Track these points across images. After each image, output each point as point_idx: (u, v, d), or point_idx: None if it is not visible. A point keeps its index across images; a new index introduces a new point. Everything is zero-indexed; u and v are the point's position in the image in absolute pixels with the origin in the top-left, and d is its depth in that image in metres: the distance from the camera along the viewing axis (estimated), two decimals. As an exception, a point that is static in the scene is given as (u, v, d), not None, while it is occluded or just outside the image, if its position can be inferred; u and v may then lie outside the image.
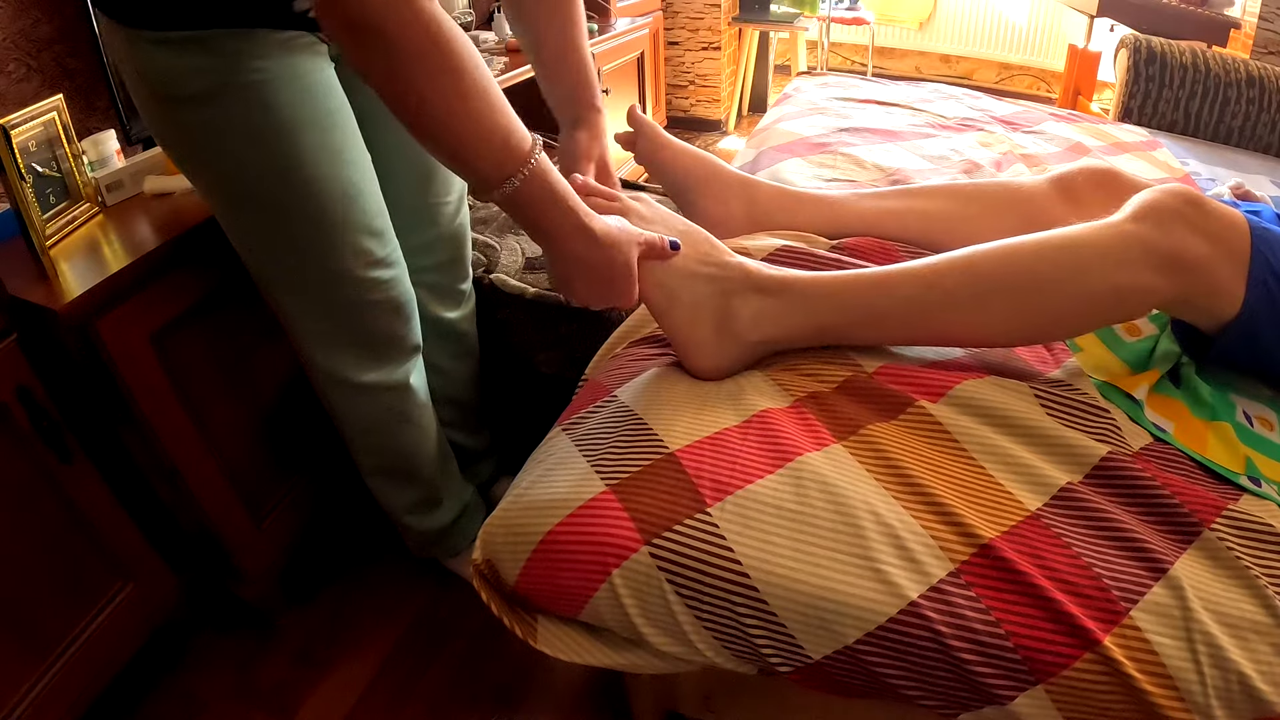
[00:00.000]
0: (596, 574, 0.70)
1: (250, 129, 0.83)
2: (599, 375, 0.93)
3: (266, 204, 0.88)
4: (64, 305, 0.89)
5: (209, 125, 0.83)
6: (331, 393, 1.06)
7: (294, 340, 1.02)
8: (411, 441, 1.12)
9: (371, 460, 1.14)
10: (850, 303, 0.86)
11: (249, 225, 0.92)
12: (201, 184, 0.90)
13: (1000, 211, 1.04)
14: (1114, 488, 0.75)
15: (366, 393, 1.05)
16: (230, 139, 0.84)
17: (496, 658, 1.19)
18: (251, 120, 0.82)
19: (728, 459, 0.75)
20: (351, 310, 0.98)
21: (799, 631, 0.66)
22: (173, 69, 0.79)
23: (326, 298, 0.97)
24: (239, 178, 0.87)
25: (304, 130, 0.85)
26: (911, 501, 0.71)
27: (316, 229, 0.91)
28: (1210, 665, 0.61)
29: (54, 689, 0.96)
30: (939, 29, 3.77)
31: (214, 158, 0.86)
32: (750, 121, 3.53)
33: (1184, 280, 0.78)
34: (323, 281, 0.95)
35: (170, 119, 0.84)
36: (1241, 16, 2.39)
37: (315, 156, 0.87)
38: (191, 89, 0.80)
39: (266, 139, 0.84)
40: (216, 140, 0.84)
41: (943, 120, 1.67)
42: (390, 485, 1.17)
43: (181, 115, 0.83)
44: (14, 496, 0.91)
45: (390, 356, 1.05)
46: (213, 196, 0.91)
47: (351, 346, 1.01)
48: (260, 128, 0.83)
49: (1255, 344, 0.83)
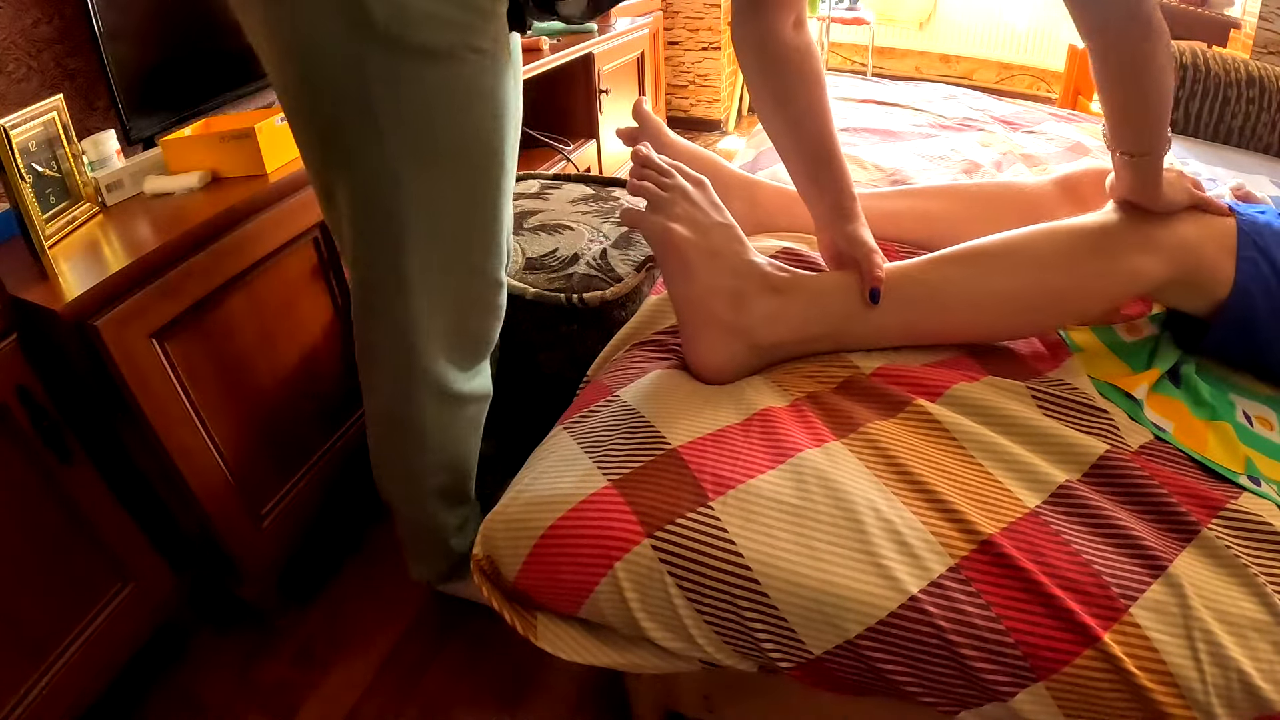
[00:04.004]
0: (598, 567, 0.70)
1: (476, 97, 0.79)
2: (601, 376, 0.93)
3: (460, 182, 0.83)
4: (64, 305, 0.89)
5: (440, 83, 0.77)
6: (430, 405, 0.99)
7: (406, 349, 0.94)
8: (474, 456, 1.10)
9: (440, 479, 1.07)
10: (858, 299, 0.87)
11: (425, 205, 0.83)
12: (388, 150, 0.79)
13: (1004, 213, 1.04)
14: (1112, 486, 0.75)
15: (461, 403, 1.02)
16: (457, 100, 0.79)
17: (496, 658, 1.19)
18: (483, 87, 0.79)
19: (729, 455, 0.75)
20: (474, 312, 0.96)
21: (800, 625, 0.66)
22: (420, 11, 0.72)
23: (463, 297, 0.93)
24: (442, 147, 0.80)
25: (507, 116, 0.83)
26: (911, 497, 0.71)
27: (488, 219, 0.89)
28: (1210, 663, 0.61)
29: (53, 689, 0.96)
30: (939, 29, 3.76)
31: (427, 120, 0.78)
32: (750, 121, 3.53)
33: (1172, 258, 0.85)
34: (467, 279, 0.92)
35: (388, 69, 0.74)
36: (1241, 16, 2.39)
37: (507, 147, 0.85)
38: (432, 40, 0.74)
39: (485, 112, 0.81)
40: (445, 99, 0.78)
41: (943, 120, 1.67)
42: (445, 505, 1.11)
43: (406, 68, 0.75)
44: (14, 496, 0.91)
45: (481, 364, 1.03)
46: (402, 163, 0.80)
47: (459, 352, 0.98)
48: (484, 99, 0.80)
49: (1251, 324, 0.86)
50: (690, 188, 0.88)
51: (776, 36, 0.89)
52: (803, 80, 0.91)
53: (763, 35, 0.90)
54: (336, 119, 0.78)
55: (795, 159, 0.95)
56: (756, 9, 0.89)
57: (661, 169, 0.88)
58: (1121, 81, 0.81)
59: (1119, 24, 0.76)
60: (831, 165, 0.92)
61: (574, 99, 2.33)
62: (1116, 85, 0.81)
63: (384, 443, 1.06)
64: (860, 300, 0.87)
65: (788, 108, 0.92)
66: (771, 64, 0.91)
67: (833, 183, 0.93)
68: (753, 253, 0.89)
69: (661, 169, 0.88)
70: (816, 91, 0.92)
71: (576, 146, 2.33)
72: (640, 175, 0.88)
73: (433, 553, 1.16)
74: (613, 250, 1.37)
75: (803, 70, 0.91)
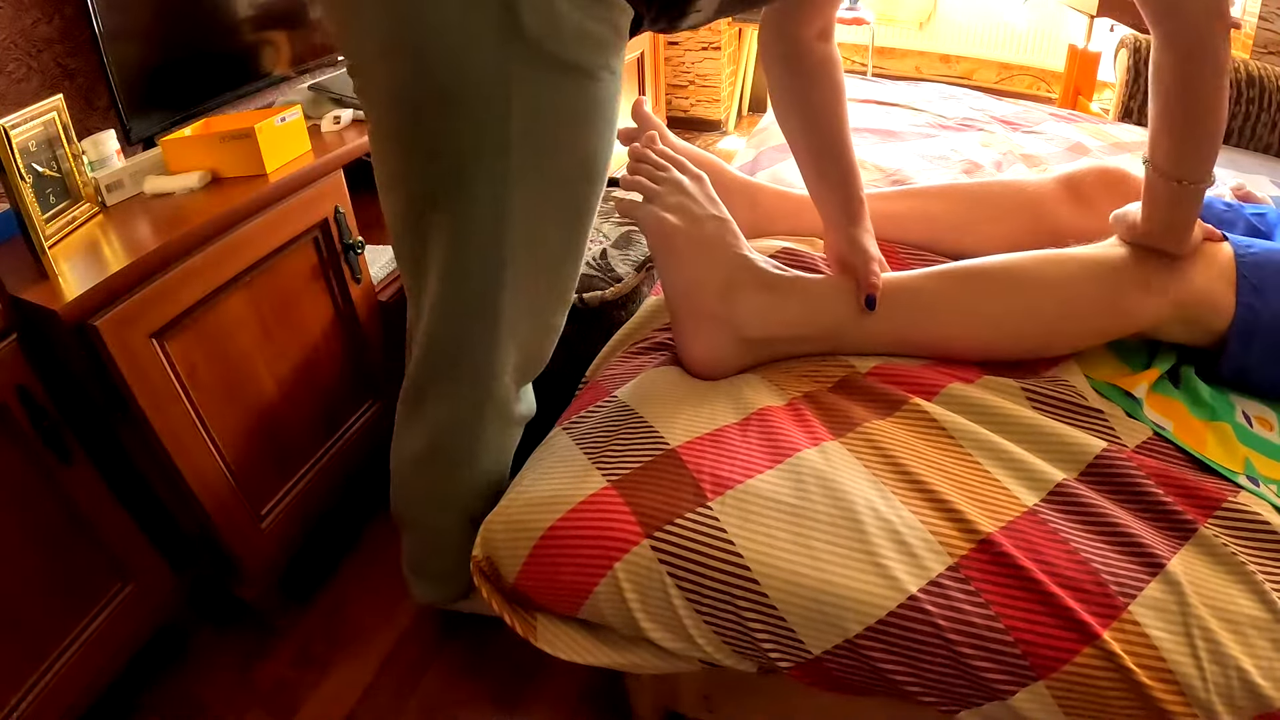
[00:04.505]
0: (597, 568, 0.70)
1: (602, 118, 0.76)
2: (599, 377, 0.93)
3: (567, 205, 0.80)
4: (64, 305, 0.89)
5: (577, 101, 0.74)
6: (490, 427, 0.94)
7: (488, 377, 0.89)
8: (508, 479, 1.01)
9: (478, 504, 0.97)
10: (851, 304, 0.87)
11: (530, 233, 0.79)
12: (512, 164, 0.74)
13: (1007, 213, 1.04)
14: (1109, 484, 0.75)
15: (515, 426, 0.98)
16: (587, 120, 0.76)
17: (496, 658, 1.19)
18: (608, 109, 0.77)
19: (728, 455, 0.75)
20: (546, 337, 0.92)
21: (799, 625, 0.66)
22: (574, 28, 0.69)
23: (542, 322, 0.89)
24: (563, 167, 0.77)
25: (615, 137, 0.81)
26: (910, 496, 0.71)
27: (580, 244, 0.85)
28: (1210, 661, 0.61)
29: (54, 689, 0.96)
30: (939, 29, 3.76)
31: (555, 138, 0.75)
32: (750, 121, 3.53)
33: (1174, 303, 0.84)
34: (553, 304, 0.88)
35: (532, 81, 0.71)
36: (1241, 16, 2.38)
37: (610, 163, 0.82)
38: (581, 58, 0.71)
39: (605, 134, 0.78)
40: (579, 117, 0.75)
41: (943, 120, 1.67)
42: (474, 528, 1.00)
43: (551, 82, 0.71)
44: (14, 496, 0.91)
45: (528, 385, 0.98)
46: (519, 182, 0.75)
47: (522, 373, 0.93)
48: (607, 120, 0.77)
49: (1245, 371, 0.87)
50: (685, 180, 0.88)
51: (801, 45, 0.92)
52: (822, 88, 0.93)
53: (787, 43, 0.93)
54: (456, 130, 0.72)
55: (807, 159, 0.97)
56: (783, 18, 0.92)
57: (657, 162, 0.89)
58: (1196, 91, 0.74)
59: (1205, 25, 0.71)
60: (841, 166, 0.94)
61: (574, 99, 2.33)
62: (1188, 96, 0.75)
63: (429, 468, 0.99)
64: (854, 306, 0.87)
65: (805, 111, 0.95)
66: (794, 71, 0.94)
67: (842, 185, 0.94)
68: (747, 248, 0.89)
69: (657, 162, 0.89)
70: (835, 98, 0.94)
71: (577, 146, 2.32)
72: (635, 169, 0.89)
73: (451, 576, 1.11)
74: (613, 250, 1.37)
75: (823, 78, 0.93)
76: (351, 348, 1.32)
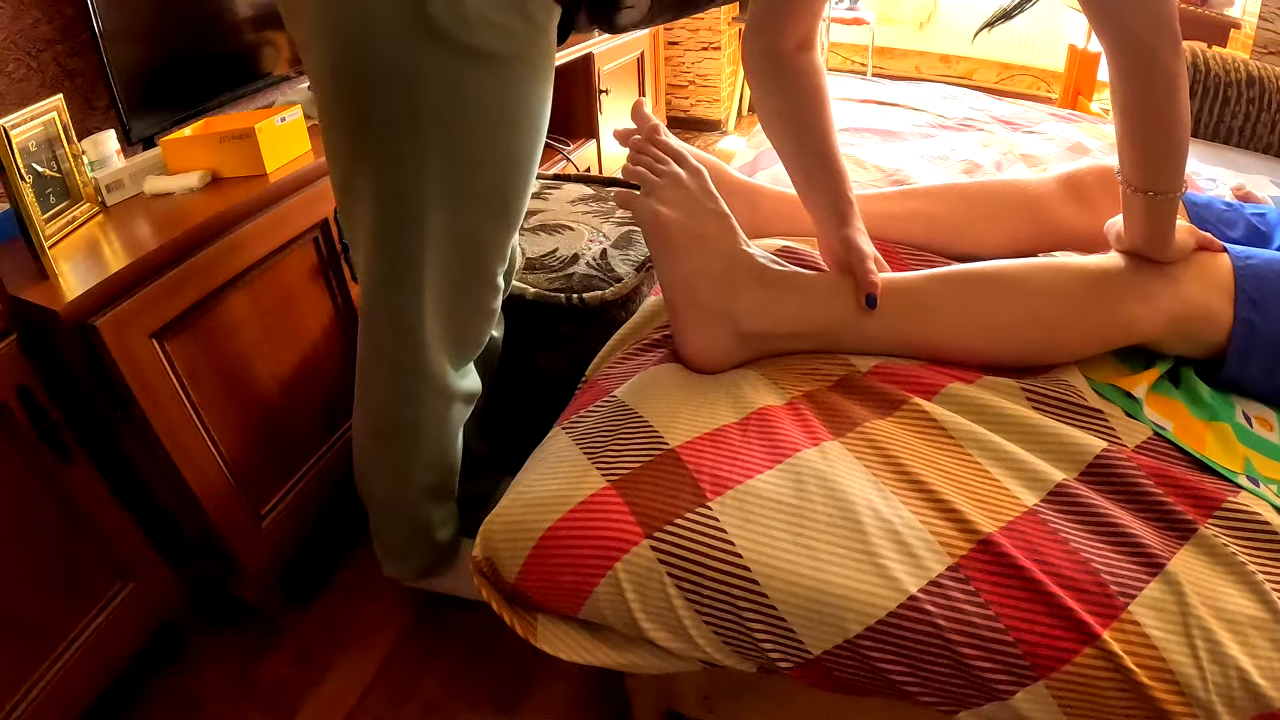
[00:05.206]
0: (597, 568, 0.70)
1: (520, 107, 0.83)
2: (599, 377, 0.93)
3: (487, 186, 0.86)
4: (64, 305, 0.89)
5: (490, 88, 0.80)
6: (429, 402, 1.01)
7: (414, 347, 0.96)
8: (460, 453, 1.12)
9: (430, 476, 1.09)
10: (849, 302, 0.87)
11: (448, 205, 0.85)
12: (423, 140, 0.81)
13: (1007, 213, 1.04)
14: (1109, 484, 0.75)
15: (455, 401, 1.03)
16: (501, 108, 0.82)
17: (496, 658, 1.19)
18: (528, 99, 0.83)
19: (728, 455, 0.75)
20: (475, 314, 0.98)
21: (799, 625, 0.66)
22: (480, 17, 0.75)
23: (469, 299, 0.96)
24: (477, 150, 0.83)
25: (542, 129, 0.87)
26: (910, 496, 0.71)
27: (506, 227, 0.92)
28: (1210, 660, 0.61)
29: (54, 689, 0.96)
30: (939, 29, 3.76)
31: (467, 122, 0.81)
32: (750, 121, 3.52)
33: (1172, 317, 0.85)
34: (477, 281, 0.95)
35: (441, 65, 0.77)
36: (1241, 16, 2.38)
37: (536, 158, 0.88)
38: (490, 45, 0.77)
39: (525, 124, 0.84)
40: (491, 104, 0.81)
41: (943, 120, 1.67)
42: (432, 501, 1.12)
43: (460, 67, 0.77)
44: (14, 496, 0.91)
45: (469, 364, 1.05)
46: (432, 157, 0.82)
47: (455, 350, 1.00)
48: (527, 110, 0.83)
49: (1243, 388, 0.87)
50: (685, 175, 0.89)
51: (779, 57, 0.93)
52: (804, 98, 0.94)
53: (767, 56, 0.94)
54: (376, 104, 0.79)
55: (794, 164, 0.97)
56: (761, 32, 0.93)
57: (658, 155, 0.89)
58: (1149, 107, 0.76)
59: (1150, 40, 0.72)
60: (829, 170, 0.94)
61: (574, 99, 2.33)
62: (1142, 111, 0.77)
63: (379, 440, 1.07)
64: (852, 305, 0.87)
65: (788, 119, 0.95)
66: (775, 79, 0.95)
67: (830, 187, 0.94)
68: (745, 243, 0.89)
69: (658, 155, 0.89)
70: (817, 107, 0.95)
71: (576, 146, 2.33)
72: (636, 161, 0.90)
73: (415, 550, 1.17)
74: (613, 250, 1.37)
75: (804, 89, 0.94)
76: (351, 348, 1.32)
